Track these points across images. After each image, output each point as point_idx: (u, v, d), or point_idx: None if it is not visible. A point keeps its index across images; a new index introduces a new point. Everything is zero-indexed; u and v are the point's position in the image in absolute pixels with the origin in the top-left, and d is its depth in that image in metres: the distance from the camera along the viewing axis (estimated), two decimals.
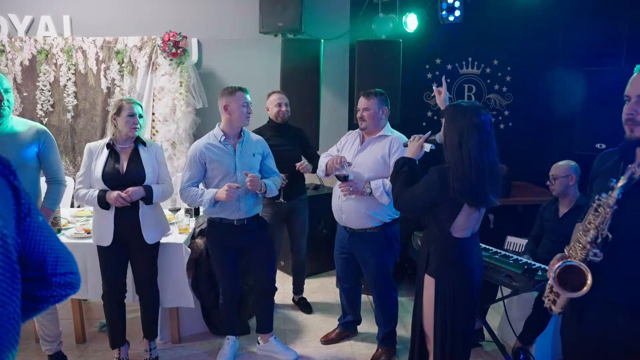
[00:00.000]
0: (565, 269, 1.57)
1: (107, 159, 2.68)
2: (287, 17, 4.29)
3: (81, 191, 2.71)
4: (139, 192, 2.67)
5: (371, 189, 2.77)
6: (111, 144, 2.70)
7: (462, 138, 2.00)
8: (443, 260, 2.16)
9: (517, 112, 5.20)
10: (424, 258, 2.22)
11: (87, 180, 2.72)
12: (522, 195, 4.64)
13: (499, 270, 2.79)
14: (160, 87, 4.66)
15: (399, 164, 2.27)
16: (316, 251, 4.33)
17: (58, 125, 4.68)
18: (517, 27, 4.90)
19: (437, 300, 2.14)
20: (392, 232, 2.94)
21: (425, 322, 2.21)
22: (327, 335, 3.33)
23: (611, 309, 1.55)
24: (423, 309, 2.21)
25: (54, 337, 2.82)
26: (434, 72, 5.11)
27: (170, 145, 4.70)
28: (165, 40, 4.51)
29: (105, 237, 2.71)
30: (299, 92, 4.28)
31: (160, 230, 2.86)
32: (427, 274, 2.19)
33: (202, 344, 3.26)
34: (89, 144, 2.79)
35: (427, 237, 2.24)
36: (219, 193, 2.70)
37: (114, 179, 2.65)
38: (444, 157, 2.10)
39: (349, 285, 3.21)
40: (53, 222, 3.14)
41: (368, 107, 2.87)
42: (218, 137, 2.82)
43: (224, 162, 2.79)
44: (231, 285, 2.96)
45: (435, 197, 2.10)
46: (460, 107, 2.08)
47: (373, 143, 2.91)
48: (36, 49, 4.57)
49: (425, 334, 2.24)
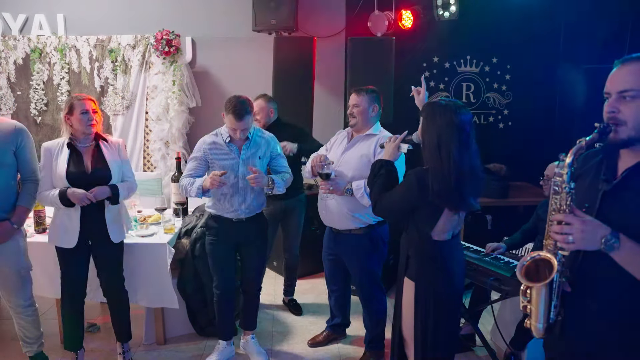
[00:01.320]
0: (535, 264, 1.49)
1: (70, 159, 2.61)
2: (281, 15, 4.23)
3: (42, 194, 2.62)
4: (105, 192, 2.62)
5: (352, 190, 2.71)
6: (71, 143, 2.63)
7: (440, 139, 1.93)
8: (423, 264, 2.08)
9: (516, 111, 5.09)
10: (403, 261, 2.15)
11: (49, 182, 2.63)
12: (521, 196, 4.55)
13: (487, 273, 2.72)
14: (154, 86, 4.63)
15: (376, 167, 2.19)
16: (308, 252, 4.27)
17: (52, 124, 4.67)
18: (516, 24, 4.79)
19: (418, 304, 2.07)
20: (377, 234, 2.85)
21: (404, 326, 2.15)
22: (315, 338, 3.27)
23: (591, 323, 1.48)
24: (402, 313, 2.14)
25: (34, 339, 2.78)
26: (432, 71, 5.02)
27: (163, 145, 4.67)
28: (159, 38, 4.48)
29: (70, 238, 2.64)
30: (292, 90, 4.23)
31: (123, 228, 2.82)
32: (407, 277, 2.12)
33: (187, 345, 3.22)
34: (45, 143, 2.68)
35: (406, 240, 2.16)
36: (205, 181, 2.67)
37: (79, 179, 2.59)
38: (423, 158, 2.02)
39: (337, 287, 3.14)
40: (38, 222, 3.12)
41: (358, 103, 2.81)
42: (224, 138, 2.77)
43: (225, 164, 2.74)
44: (226, 280, 2.91)
45: (414, 201, 2.03)
46: (439, 106, 1.99)
47: (360, 142, 2.84)
48: (30, 48, 4.56)
49: (404, 339, 2.17)
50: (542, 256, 1.48)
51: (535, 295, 1.53)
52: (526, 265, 1.50)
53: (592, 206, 1.49)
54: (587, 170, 1.60)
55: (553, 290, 1.51)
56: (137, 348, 3.15)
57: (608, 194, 1.46)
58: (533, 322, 1.58)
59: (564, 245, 1.40)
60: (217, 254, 2.88)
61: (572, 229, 1.36)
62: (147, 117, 4.69)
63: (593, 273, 1.47)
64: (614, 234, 1.33)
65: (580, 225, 1.36)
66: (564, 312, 1.53)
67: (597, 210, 1.47)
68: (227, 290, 2.93)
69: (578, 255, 1.50)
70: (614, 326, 1.43)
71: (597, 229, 1.35)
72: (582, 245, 1.37)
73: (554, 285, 1.50)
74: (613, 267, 1.37)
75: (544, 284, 1.48)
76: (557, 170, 1.48)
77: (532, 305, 1.56)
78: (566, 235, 1.37)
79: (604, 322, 1.45)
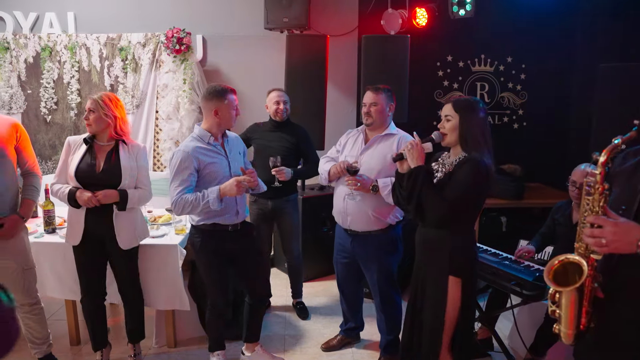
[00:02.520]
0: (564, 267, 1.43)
1: (84, 155, 2.57)
2: (293, 13, 4.17)
3: (55, 186, 2.61)
4: (112, 196, 2.56)
5: (378, 187, 2.63)
6: (89, 139, 2.60)
7: (484, 129, 2.13)
8: (467, 259, 2.18)
9: (531, 111, 5.00)
10: (443, 260, 2.14)
11: (64, 175, 2.61)
12: (536, 198, 4.46)
13: (508, 277, 2.64)
14: (164, 85, 4.58)
15: (413, 177, 2.10)
16: (320, 253, 4.21)
17: (61, 123, 4.63)
18: (532, 22, 4.70)
19: (464, 301, 2.14)
20: (395, 234, 2.81)
21: (447, 324, 2.15)
22: (328, 342, 3.20)
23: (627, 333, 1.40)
24: (446, 312, 2.14)
25: (42, 339, 2.74)
26: (445, 70, 4.94)
27: (173, 144, 4.61)
28: (169, 36, 4.43)
29: (75, 235, 2.61)
30: (304, 89, 4.17)
31: (136, 235, 2.72)
32: (452, 275, 2.13)
33: (198, 347, 3.16)
34: (69, 137, 2.68)
35: (443, 238, 2.16)
36: (225, 188, 2.46)
37: (88, 176, 2.54)
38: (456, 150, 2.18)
39: (350, 291, 3.07)
40: (47, 222, 3.07)
41: (376, 102, 2.74)
42: (206, 139, 2.58)
43: (220, 164, 2.60)
44: (222, 296, 2.74)
45: (484, 190, 2.12)
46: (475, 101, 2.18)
47: (379, 142, 2.77)
48: (40, 46, 4.53)
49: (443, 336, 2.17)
50: (571, 259, 1.42)
51: (565, 300, 1.47)
52: (554, 269, 1.44)
53: (629, 208, 1.42)
54: (624, 170, 1.53)
55: (584, 295, 1.44)
56: (148, 351, 3.10)
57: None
58: (562, 329, 1.51)
59: (597, 249, 1.34)
60: (213, 268, 2.68)
61: (605, 231, 1.31)
62: (157, 116, 4.64)
63: (628, 278, 1.40)
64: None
65: (613, 228, 1.30)
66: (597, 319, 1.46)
67: (635, 212, 1.40)
68: (222, 306, 2.77)
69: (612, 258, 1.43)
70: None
71: (632, 232, 1.29)
72: (616, 249, 1.31)
73: (584, 290, 1.43)
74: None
75: (573, 288, 1.42)
76: (591, 170, 1.41)
77: (561, 311, 1.49)
78: (598, 239, 1.31)
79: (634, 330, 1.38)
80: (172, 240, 2.97)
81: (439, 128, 2.22)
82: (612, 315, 1.44)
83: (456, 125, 2.14)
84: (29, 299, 2.64)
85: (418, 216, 2.16)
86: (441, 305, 2.16)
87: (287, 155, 3.28)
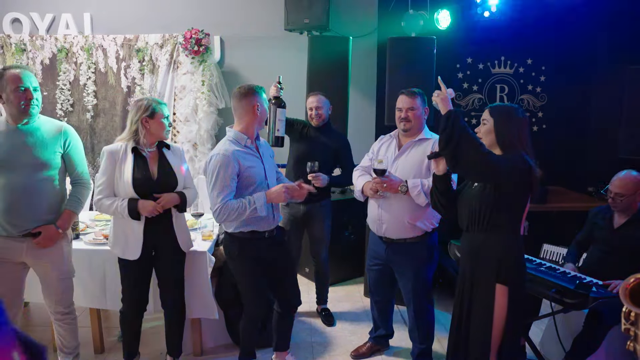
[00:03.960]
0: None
1: (135, 165, 2.47)
2: (314, 14, 4.13)
3: (105, 201, 2.45)
4: (173, 200, 2.51)
5: (407, 187, 2.58)
6: (137, 147, 2.50)
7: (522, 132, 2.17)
8: (516, 266, 2.15)
9: (552, 114, 4.96)
10: (491, 267, 2.12)
11: (110, 188, 2.48)
12: (558, 201, 4.41)
13: (547, 284, 2.57)
14: (182, 86, 4.52)
15: (452, 118, 2.05)
16: (342, 258, 4.16)
17: (77, 125, 4.56)
18: (553, 24, 4.66)
19: (510, 310, 2.11)
20: (432, 242, 2.75)
21: (495, 333, 2.12)
22: (358, 349, 3.13)
23: None
24: (494, 321, 2.11)
25: (71, 349, 2.67)
26: (465, 72, 4.89)
27: (191, 147, 4.56)
28: (187, 37, 4.38)
29: (133, 250, 2.50)
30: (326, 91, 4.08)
31: (189, 236, 2.72)
32: (499, 284, 2.10)
33: (225, 356, 3.09)
34: (108, 148, 2.52)
35: (490, 244, 2.14)
36: (272, 194, 2.41)
37: (145, 185, 2.46)
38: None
39: (381, 298, 3.01)
40: (72, 227, 3.00)
41: (413, 106, 2.69)
42: (243, 142, 2.49)
43: (258, 167, 2.52)
44: (260, 306, 2.65)
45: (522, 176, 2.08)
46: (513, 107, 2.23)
47: (412, 147, 2.72)
48: (57, 48, 4.47)
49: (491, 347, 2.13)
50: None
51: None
52: (630, 287, 1.38)
53: None
54: None
55: None
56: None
57: None
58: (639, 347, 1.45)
59: None
60: (252, 276, 2.58)
61: None
62: (175, 118, 4.59)
63: None
64: None
65: None
66: None
67: None
68: (260, 315, 2.72)
69: None
70: None
71: None
72: None
73: None
74: None
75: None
76: None
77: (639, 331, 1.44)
78: None
79: None
80: (201, 247, 2.90)
81: (476, 132, 2.21)
82: None
83: (491, 129, 2.17)
84: (61, 308, 2.57)
85: (452, 161, 2.11)
86: (488, 315, 2.12)
87: (325, 161, 3.21)
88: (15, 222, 2.36)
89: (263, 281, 2.64)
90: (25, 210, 2.36)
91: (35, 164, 2.37)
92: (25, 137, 2.37)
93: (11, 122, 2.37)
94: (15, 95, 2.29)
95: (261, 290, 2.65)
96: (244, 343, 2.76)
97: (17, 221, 2.36)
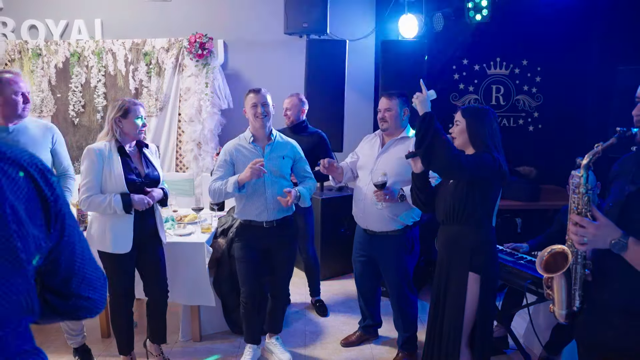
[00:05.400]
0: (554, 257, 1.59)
1: (123, 163, 2.58)
2: (312, 18, 4.29)
3: (95, 198, 2.49)
4: (160, 194, 2.69)
5: (405, 195, 2.72)
6: (122, 147, 2.60)
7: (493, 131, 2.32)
8: (488, 255, 2.29)
9: (547, 114, 5.06)
10: (464, 256, 2.26)
11: (97, 186, 2.52)
12: (551, 200, 4.51)
13: (524, 276, 2.71)
14: (187, 88, 4.73)
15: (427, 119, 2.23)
16: (338, 253, 4.32)
17: (88, 126, 4.81)
18: (547, 25, 4.75)
19: (482, 297, 2.25)
20: (412, 235, 2.90)
21: (466, 320, 2.27)
22: (348, 338, 3.30)
23: (607, 312, 1.56)
24: (465, 308, 2.26)
25: (77, 331, 2.89)
26: (461, 73, 5.02)
27: (195, 146, 4.77)
28: (192, 41, 4.58)
29: (124, 243, 2.59)
30: (324, 93, 4.28)
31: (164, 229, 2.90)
32: (472, 272, 2.25)
33: (222, 342, 3.29)
34: (92, 146, 2.56)
35: (464, 235, 2.30)
36: (242, 175, 2.66)
37: (137, 182, 2.61)
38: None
39: (367, 289, 3.17)
40: (80, 220, 3.22)
41: (390, 107, 2.85)
42: (248, 139, 2.83)
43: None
44: (253, 288, 2.88)
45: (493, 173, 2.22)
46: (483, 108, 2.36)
47: (395, 145, 2.88)
48: (69, 52, 4.72)
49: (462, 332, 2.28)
50: (557, 249, 1.59)
51: (556, 284, 1.65)
52: (545, 260, 1.61)
53: (615, 206, 1.57)
54: (623, 171, 1.65)
55: (573, 279, 1.62)
56: (174, 344, 3.23)
57: (633, 194, 1.53)
58: (556, 309, 1.69)
59: (578, 246, 1.51)
60: (247, 260, 2.86)
61: (586, 231, 1.47)
62: (180, 119, 4.80)
63: (610, 265, 1.54)
64: (624, 237, 1.42)
65: (593, 229, 1.46)
66: (588, 301, 1.62)
67: (620, 210, 1.54)
68: (256, 297, 2.91)
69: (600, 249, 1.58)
70: (625, 315, 1.50)
71: (609, 232, 1.45)
72: (594, 246, 1.49)
73: (573, 275, 1.61)
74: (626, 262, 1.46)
75: (559, 273, 1.61)
76: (574, 172, 1.56)
77: (554, 294, 1.67)
78: (580, 237, 1.48)
79: (616, 311, 1.53)
80: (199, 238, 3.10)
81: (450, 133, 2.38)
82: (599, 296, 1.59)
83: (463, 129, 2.33)
84: None
85: (425, 160, 2.27)
86: (461, 302, 2.26)
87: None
88: None
89: (257, 266, 2.87)
90: None
91: None
92: (18, 136, 2.57)
93: (2, 123, 2.54)
94: (13, 99, 2.48)
95: (253, 274, 2.87)
96: (245, 328, 2.99)
97: None
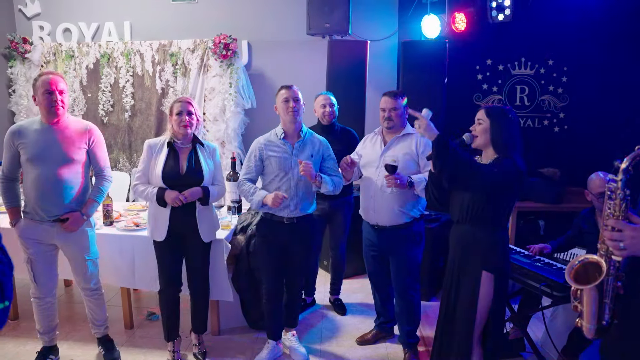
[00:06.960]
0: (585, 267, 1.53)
1: (167, 158, 2.77)
2: (335, 19, 4.33)
3: (140, 187, 2.81)
4: (197, 193, 2.78)
5: (413, 182, 2.78)
6: (171, 142, 2.80)
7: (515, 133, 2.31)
8: (501, 255, 2.31)
9: (573, 115, 4.95)
10: (478, 256, 2.28)
11: (146, 176, 2.82)
12: (576, 202, 4.42)
13: (538, 278, 2.69)
14: (211, 88, 4.85)
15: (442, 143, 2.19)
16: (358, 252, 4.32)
17: (117, 124, 4.98)
18: (573, 24, 4.65)
19: (496, 296, 2.27)
20: (419, 227, 2.97)
21: (479, 318, 2.29)
22: (363, 336, 3.34)
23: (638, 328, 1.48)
24: (478, 308, 2.27)
25: (101, 322, 3.02)
26: (485, 73, 4.97)
27: (219, 144, 4.87)
28: (217, 42, 4.69)
29: (160, 232, 2.81)
30: (345, 93, 4.30)
31: (214, 228, 2.98)
32: (486, 271, 2.26)
33: (240, 336, 3.37)
34: (148, 140, 2.89)
35: (478, 234, 2.30)
36: (267, 197, 2.77)
37: (173, 178, 2.75)
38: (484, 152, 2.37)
39: (380, 284, 3.21)
40: (106, 215, 3.36)
41: (396, 106, 2.94)
42: (279, 135, 2.88)
43: (281, 159, 2.84)
44: (274, 281, 2.96)
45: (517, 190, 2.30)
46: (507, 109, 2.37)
47: (398, 142, 2.96)
48: (99, 53, 4.89)
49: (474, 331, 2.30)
50: (590, 259, 1.51)
51: (586, 297, 1.56)
52: (575, 269, 1.53)
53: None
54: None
55: (604, 292, 1.52)
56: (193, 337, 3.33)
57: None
58: (584, 323, 1.60)
59: (616, 252, 1.42)
60: (267, 254, 2.95)
61: (624, 235, 1.38)
62: (205, 118, 4.92)
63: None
64: None
65: (632, 232, 1.38)
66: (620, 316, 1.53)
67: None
68: (277, 291, 3.00)
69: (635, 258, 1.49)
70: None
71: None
72: (634, 252, 1.39)
73: (605, 288, 1.52)
74: None
75: (592, 286, 1.50)
76: (611, 177, 1.49)
77: (583, 307, 1.58)
78: (617, 242, 1.39)
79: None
80: (219, 235, 3.18)
81: (470, 130, 2.37)
82: (633, 311, 1.51)
83: (487, 129, 2.31)
84: (89, 285, 2.92)
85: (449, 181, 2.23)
86: (474, 300, 2.28)
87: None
88: (46, 208, 2.72)
89: (276, 261, 2.94)
90: (55, 199, 2.72)
91: (64, 159, 2.72)
92: (56, 134, 2.73)
93: (44, 121, 2.73)
94: (44, 98, 2.66)
95: (272, 269, 2.95)
96: (267, 323, 3.08)
97: (48, 208, 2.72)
